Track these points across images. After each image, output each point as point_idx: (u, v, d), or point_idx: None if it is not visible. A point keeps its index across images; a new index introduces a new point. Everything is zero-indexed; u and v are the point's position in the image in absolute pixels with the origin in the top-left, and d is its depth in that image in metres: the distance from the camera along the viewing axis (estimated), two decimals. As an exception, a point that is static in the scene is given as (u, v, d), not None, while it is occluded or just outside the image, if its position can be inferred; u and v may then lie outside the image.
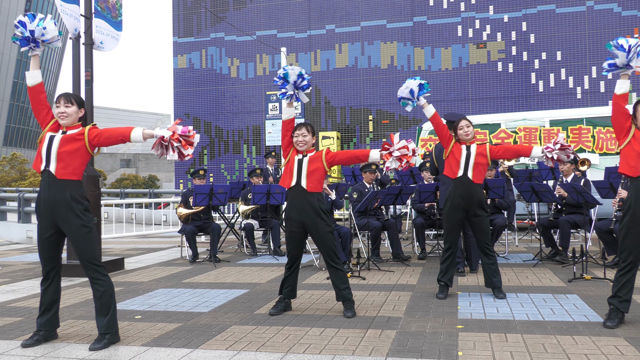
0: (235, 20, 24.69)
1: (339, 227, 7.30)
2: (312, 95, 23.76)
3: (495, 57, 21.98)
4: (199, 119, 25.04)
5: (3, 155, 46.40)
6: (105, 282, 3.88)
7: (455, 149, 5.18)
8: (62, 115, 3.86)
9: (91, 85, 7.45)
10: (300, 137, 4.66)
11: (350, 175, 10.47)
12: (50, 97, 59.11)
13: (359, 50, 23.34)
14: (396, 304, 5.02)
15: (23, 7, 54.31)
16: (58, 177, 3.78)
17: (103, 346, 3.78)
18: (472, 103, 22.05)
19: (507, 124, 12.42)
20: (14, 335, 4.21)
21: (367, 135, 23.01)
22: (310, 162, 4.63)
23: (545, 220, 7.42)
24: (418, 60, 22.68)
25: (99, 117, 64.25)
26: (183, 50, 25.39)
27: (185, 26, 25.43)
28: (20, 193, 13.00)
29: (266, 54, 24.30)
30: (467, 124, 5.16)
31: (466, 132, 5.15)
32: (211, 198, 8.16)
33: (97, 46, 7.62)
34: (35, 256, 9.57)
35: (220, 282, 6.48)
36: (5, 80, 53.34)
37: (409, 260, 7.72)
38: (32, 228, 12.13)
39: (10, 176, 38.34)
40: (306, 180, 4.60)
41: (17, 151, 46.11)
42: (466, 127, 5.16)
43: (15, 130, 55.45)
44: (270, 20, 24.35)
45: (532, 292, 5.36)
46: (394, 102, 22.76)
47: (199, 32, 25.24)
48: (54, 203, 3.80)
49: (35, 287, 6.43)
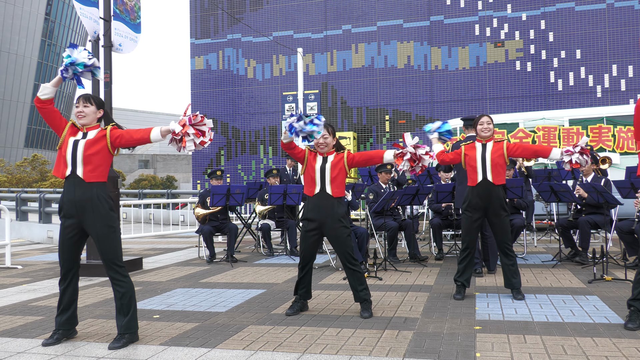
0: (251, 21, 24.80)
1: (356, 227, 7.29)
2: (329, 96, 23.77)
3: (513, 56, 21.77)
4: (216, 119, 25.18)
5: (24, 156, 47.15)
6: (126, 283, 3.92)
7: (469, 151, 5.13)
8: (81, 114, 3.91)
9: (110, 87, 7.53)
10: (322, 139, 4.61)
11: (367, 175, 10.45)
12: (70, 100, 59.95)
13: (375, 50, 23.29)
14: (413, 304, 5.00)
15: (44, 10, 55.13)
16: (86, 180, 3.83)
17: (122, 345, 3.83)
18: (489, 102, 21.86)
19: (525, 124, 12.30)
20: (35, 334, 4.28)
21: (384, 135, 22.94)
22: (333, 167, 4.60)
23: (565, 221, 7.33)
24: (435, 60, 22.56)
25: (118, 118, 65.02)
26: (200, 51, 25.56)
27: (203, 28, 25.60)
28: (41, 194, 13.20)
29: (282, 54, 24.35)
30: (488, 121, 5.12)
31: (485, 129, 5.10)
32: (228, 198, 8.20)
33: (115, 48, 7.71)
34: (55, 256, 9.70)
35: (237, 282, 6.51)
36: (26, 83, 54.18)
37: (426, 261, 7.68)
38: (53, 228, 12.30)
39: (31, 177, 38.94)
40: (331, 186, 4.58)
41: (38, 152, 46.81)
42: (487, 123, 5.11)
43: (36, 132, 56.30)
44: (287, 21, 24.41)
45: (551, 293, 5.30)
46: (411, 102, 22.67)
47: (216, 34, 25.39)
48: (80, 203, 3.83)
49: (55, 286, 6.52)
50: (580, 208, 7.38)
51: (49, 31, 55.65)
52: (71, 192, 3.84)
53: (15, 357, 3.68)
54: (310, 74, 23.84)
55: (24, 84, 53.98)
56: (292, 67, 24.10)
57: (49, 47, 55.83)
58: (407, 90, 22.78)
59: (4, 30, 52.14)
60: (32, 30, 53.97)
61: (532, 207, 9.04)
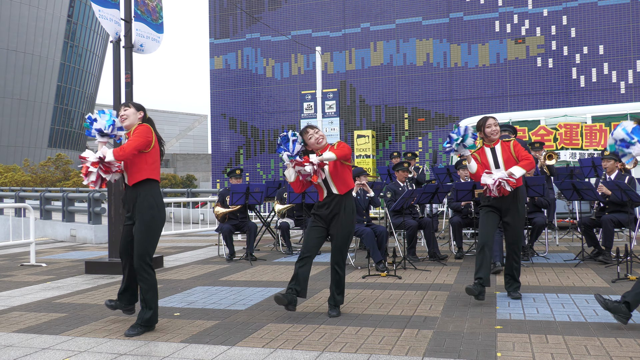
0: (270, 21, 24.87)
1: (375, 226, 7.27)
2: (347, 94, 23.74)
3: (534, 52, 21.50)
4: (235, 119, 25.33)
5: (48, 156, 47.94)
6: (148, 280, 4.15)
7: (481, 156, 5.04)
8: (123, 118, 4.25)
9: (131, 87, 7.60)
10: (315, 134, 4.59)
11: (386, 174, 10.42)
12: (92, 100, 60.76)
13: (394, 48, 23.19)
14: (433, 303, 4.97)
15: (66, 12, 55.94)
16: (130, 183, 4.19)
17: (137, 333, 4.08)
18: (510, 99, 21.63)
19: (547, 121, 12.14)
20: (59, 331, 4.35)
21: (403, 133, 22.85)
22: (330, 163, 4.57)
23: (587, 219, 7.23)
24: (454, 57, 22.38)
25: (139, 118, 65.83)
26: (219, 51, 25.72)
27: (222, 27, 25.75)
28: (64, 193, 13.41)
29: (301, 53, 24.39)
30: (495, 122, 5.04)
31: (494, 132, 5.02)
32: (247, 197, 8.24)
33: (137, 49, 7.78)
34: (78, 254, 9.86)
35: (257, 280, 6.54)
36: (50, 84, 55.05)
37: (446, 260, 7.64)
38: (76, 227, 12.49)
39: (54, 176, 39.57)
40: (336, 187, 4.57)
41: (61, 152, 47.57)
42: (494, 125, 5.02)
43: (60, 132, 57.18)
44: (305, 20, 24.43)
45: (574, 293, 5.23)
46: (430, 100, 22.53)
47: (235, 33, 25.52)
48: (130, 199, 4.22)
49: (79, 283, 6.63)
50: (604, 206, 7.26)
51: (71, 33, 56.47)
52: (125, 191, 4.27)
53: (40, 352, 3.75)
54: (328, 72, 23.84)
55: (47, 85, 54.85)
56: (311, 66, 24.12)
57: (71, 48, 56.66)
58: (426, 88, 22.65)
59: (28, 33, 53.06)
60: (55, 32, 54.80)
61: (554, 206, 8.92)
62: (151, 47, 8.01)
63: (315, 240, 4.57)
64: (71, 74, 56.69)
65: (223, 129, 25.55)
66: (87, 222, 12.41)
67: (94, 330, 4.35)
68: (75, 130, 58.65)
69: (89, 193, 12.40)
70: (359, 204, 7.28)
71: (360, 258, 8.00)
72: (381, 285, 5.98)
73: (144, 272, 4.12)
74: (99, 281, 6.77)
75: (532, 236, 7.54)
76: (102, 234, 11.91)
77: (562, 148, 11.80)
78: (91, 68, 59.63)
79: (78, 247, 11.30)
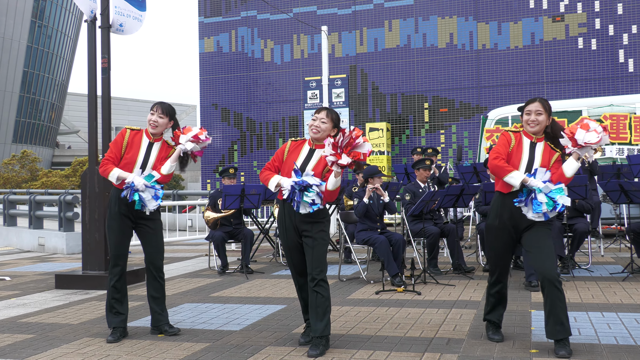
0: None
1: (390, 233, 7.27)
2: (358, 81, 23.73)
3: (574, 32, 21.42)
4: (228, 109, 25.37)
5: (12, 153, 48.14)
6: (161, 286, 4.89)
7: (516, 146, 4.23)
8: (154, 124, 4.73)
9: (108, 74, 7.62)
10: (318, 121, 4.27)
11: (403, 173, 10.41)
12: (63, 88, 60.93)
13: (412, 28, 23.16)
14: (457, 323, 4.96)
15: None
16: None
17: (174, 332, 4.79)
18: (547, 87, 21.56)
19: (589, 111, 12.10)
20: (25, 354, 4.36)
21: (422, 126, 22.83)
22: (321, 160, 4.27)
23: (637, 225, 7.20)
24: (482, 38, 22.33)
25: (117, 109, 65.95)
26: (210, 31, 25.77)
27: (213, 4, 25.80)
28: (32, 195, 13.45)
29: (304, 34, 24.40)
30: (538, 110, 4.18)
31: (533, 121, 4.19)
32: (242, 200, 8.25)
33: (115, 29, 7.80)
34: (47, 266, 9.89)
35: (254, 296, 6.54)
36: (15, 70, 55.23)
37: (473, 273, 7.62)
38: (45, 234, 12.53)
39: (20, 177, 39.70)
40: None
41: (27, 148, 47.75)
42: (535, 113, 4.19)
43: (26, 126, 57.40)
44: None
45: (622, 311, 5.21)
46: (454, 88, 22.50)
47: (228, 11, 25.57)
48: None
49: (48, 300, 6.64)
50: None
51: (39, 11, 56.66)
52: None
53: (4, 380, 3.76)
54: (336, 56, 23.84)
55: (12, 71, 55.05)
56: (316, 49, 24.13)
57: (40, 29, 56.85)
58: (449, 73, 22.60)
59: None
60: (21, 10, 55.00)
61: (598, 210, 8.88)
62: (132, 27, 8.03)
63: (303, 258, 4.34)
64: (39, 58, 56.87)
65: (214, 121, 25.60)
66: (58, 229, 12.45)
67: (66, 354, 4.36)
68: (44, 123, 58.86)
69: (60, 195, 12.43)
70: (371, 209, 7.27)
71: (373, 271, 7.99)
72: (397, 302, 5.97)
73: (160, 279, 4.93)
74: (71, 297, 6.79)
75: (572, 246, 7.51)
76: (74, 242, 11.93)
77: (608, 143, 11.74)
78: (62, 52, 59.83)
79: (47, 258, 11.34)
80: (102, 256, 7.30)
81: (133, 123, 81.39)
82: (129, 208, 4.73)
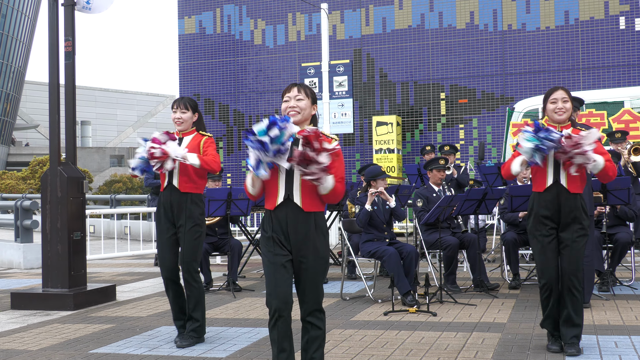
0: (259, -31, 24.93)
1: (401, 244, 7.27)
2: (364, 68, 23.75)
3: (615, 10, 21.46)
4: (212, 100, 25.37)
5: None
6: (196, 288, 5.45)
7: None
8: (179, 121, 5.42)
9: (73, 59, 7.62)
10: (293, 100, 3.91)
11: (416, 174, 10.42)
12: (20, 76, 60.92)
13: (426, 5, 23.20)
14: (479, 349, 4.96)
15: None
16: (182, 190, 5.37)
17: (189, 344, 5.32)
18: (583, 74, 21.59)
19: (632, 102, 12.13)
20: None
21: (438, 120, 22.85)
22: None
23: (689, 235, 7.21)
24: (508, 17, 22.37)
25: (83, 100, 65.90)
26: (191, 10, 25.79)
27: (194, -22, 25.82)
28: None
29: (301, 12, 24.43)
30: (565, 97, 4.81)
31: (560, 109, 4.81)
32: (229, 206, 8.25)
33: (82, 7, 7.78)
34: (1, 283, 9.89)
35: (242, 317, 6.55)
36: (-37, 55, 55.26)
37: (497, 290, 7.62)
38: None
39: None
40: (301, 194, 3.83)
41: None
42: (562, 100, 4.81)
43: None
44: (306, -32, 24.49)
45: (670, 335, 5.22)
46: (475, 75, 22.52)
47: (212, -14, 25.58)
48: (176, 204, 5.43)
49: (2, 322, 6.64)
50: None
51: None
52: (167, 196, 5.42)
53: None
54: (338, 38, 23.87)
55: (-39, 56, 55.05)
56: (314, 30, 24.16)
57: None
58: (469, 58, 22.62)
59: None
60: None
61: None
62: (101, 5, 8.01)
63: (288, 283, 3.84)
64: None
65: (196, 114, 25.59)
66: (14, 240, 12.44)
67: (24, 385, 4.36)
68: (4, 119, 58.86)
69: (16, 201, 12.44)
70: (376, 217, 7.27)
71: (381, 288, 7.99)
72: (410, 324, 5.97)
73: (194, 282, 5.44)
74: (29, 319, 6.79)
75: (613, 259, 7.51)
76: (33, 255, 11.92)
77: None
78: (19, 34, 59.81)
79: (1, 273, 11.34)
80: (65, 271, 7.28)
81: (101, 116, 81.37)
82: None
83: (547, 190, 4.82)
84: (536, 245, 4.93)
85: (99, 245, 13.55)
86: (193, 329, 5.43)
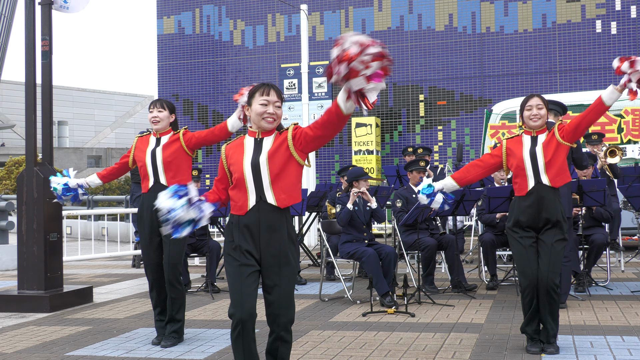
0: (238, -31, 24.88)
1: (380, 246, 7.29)
2: (343, 69, 23.76)
3: (592, 14, 21.68)
4: (191, 101, 25.28)
5: None
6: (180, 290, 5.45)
7: (514, 147, 5.00)
8: (155, 119, 5.45)
9: (49, 59, 7.56)
10: (272, 106, 3.73)
11: (395, 176, 10.45)
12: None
13: (405, 7, 23.29)
14: (457, 349, 4.99)
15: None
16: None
17: (172, 344, 5.36)
18: (560, 76, 21.78)
19: (609, 105, 12.23)
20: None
21: (417, 121, 22.94)
22: (273, 154, 3.70)
23: (663, 237, 7.30)
24: (486, 20, 22.52)
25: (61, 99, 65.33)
26: (170, 9, 25.68)
27: (173, -22, 25.71)
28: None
29: (280, 13, 24.42)
30: (539, 104, 4.95)
31: (535, 115, 4.95)
32: (207, 207, 8.22)
33: (60, 6, 7.73)
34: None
35: (220, 319, 6.52)
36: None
37: (475, 291, 7.66)
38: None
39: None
40: (273, 190, 3.68)
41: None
42: (537, 107, 4.95)
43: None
44: (286, -31, 24.49)
45: (645, 335, 5.27)
46: (454, 77, 22.63)
47: (191, -14, 25.49)
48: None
49: (-23, 325, 6.56)
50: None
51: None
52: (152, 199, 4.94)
53: None
54: (317, 39, 23.88)
55: None
56: (294, 31, 24.15)
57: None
58: (448, 61, 22.74)
59: None
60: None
61: (619, 219, 8.98)
62: (78, 4, 7.96)
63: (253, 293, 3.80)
64: None
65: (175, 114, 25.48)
66: (-11, 241, 12.31)
67: (-1, 387, 4.31)
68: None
69: (-8, 202, 12.30)
70: (357, 217, 7.29)
71: (360, 289, 8.00)
72: (388, 325, 5.99)
73: (177, 284, 5.42)
74: (4, 322, 6.72)
75: (589, 260, 7.58)
76: (8, 257, 11.80)
77: (630, 141, 11.90)
78: (-5, 32, 59.16)
79: (-24, 275, 11.21)
80: (41, 273, 7.21)
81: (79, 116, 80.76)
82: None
83: (529, 194, 4.91)
84: (517, 248, 5.02)
85: (75, 246, 13.44)
86: (175, 330, 5.46)
